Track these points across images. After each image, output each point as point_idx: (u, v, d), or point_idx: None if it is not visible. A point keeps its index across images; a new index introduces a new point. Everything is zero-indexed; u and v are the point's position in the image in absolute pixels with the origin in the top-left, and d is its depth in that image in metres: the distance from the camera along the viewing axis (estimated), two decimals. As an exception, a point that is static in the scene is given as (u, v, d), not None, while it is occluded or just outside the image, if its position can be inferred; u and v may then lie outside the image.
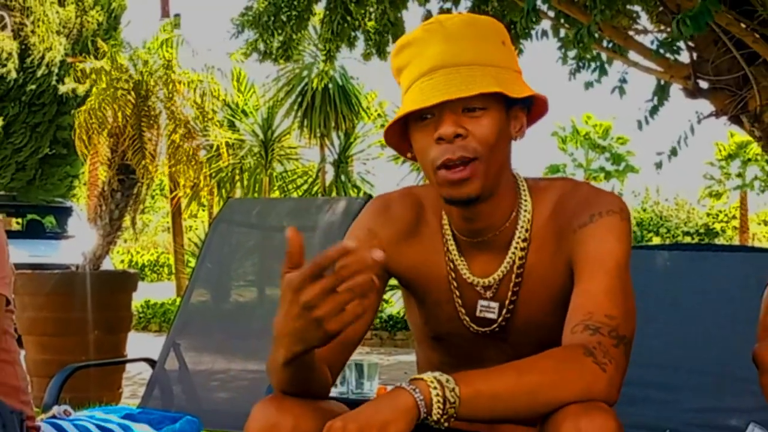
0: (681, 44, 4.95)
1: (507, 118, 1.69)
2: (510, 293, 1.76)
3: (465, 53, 1.65)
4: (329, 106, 15.10)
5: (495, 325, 1.79)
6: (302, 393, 1.60)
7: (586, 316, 1.58)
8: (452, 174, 1.64)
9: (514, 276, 1.75)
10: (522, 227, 1.75)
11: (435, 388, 1.45)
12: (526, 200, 1.77)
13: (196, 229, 21.34)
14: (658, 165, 5.24)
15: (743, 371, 1.46)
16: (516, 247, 1.75)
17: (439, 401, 1.45)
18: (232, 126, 15.73)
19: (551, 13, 5.31)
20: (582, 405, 1.47)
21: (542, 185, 1.80)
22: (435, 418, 1.46)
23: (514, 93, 1.65)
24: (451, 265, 1.80)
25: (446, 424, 1.48)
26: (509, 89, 1.64)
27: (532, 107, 1.75)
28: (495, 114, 1.65)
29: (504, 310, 1.78)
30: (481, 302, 1.79)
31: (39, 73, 13.00)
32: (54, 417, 2.91)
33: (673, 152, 5.08)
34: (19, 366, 2.43)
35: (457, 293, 1.80)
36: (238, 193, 16.47)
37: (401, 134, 1.75)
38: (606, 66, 5.49)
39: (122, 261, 28.99)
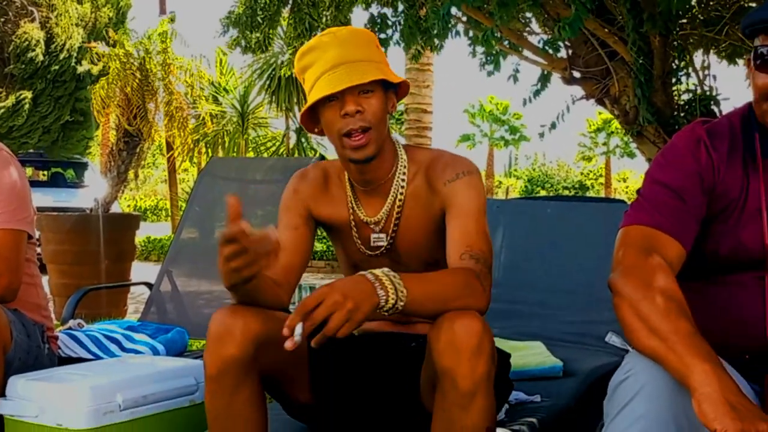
0: (560, 44, 4.98)
1: (386, 99, 1.81)
2: (392, 226, 1.88)
3: (356, 53, 1.77)
4: (292, 86, 14.93)
5: (383, 248, 1.90)
6: (255, 306, 1.67)
7: (468, 247, 1.71)
8: (354, 141, 1.76)
9: (395, 213, 1.87)
10: (399, 178, 1.87)
11: (391, 293, 1.51)
12: (403, 159, 1.89)
13: (188, 181, 21.08)
14: (541, 135, 5.33)
15: (604, 293, 1.48)
16: (395, 192, 1.87)
17: (392, 301, 1.51)
18: (215, 100, 15.54)
19: (464, 18, 5.29)
20: (459, 312, 1.56)
21: (415, 150, 1.93)
22: (384, 309, 1.51)
23: (393, 79, 1.80)
24: (352, 210, 1.91)
25: (386, 314, 1.53)
26: (389, 77, 1.78)
27: (399, 91, 1.86)
28: (379, 95, 1.78)
29: (388, 238, 1.89)
30: (374, 235, 1.91)
31: (61, 56, 12.67)
32: (70, 329, 2.86)
33: (553, 126, 5.15)
34: (40, 288, 2.38)
35: (355, 230, 1.91)
36: (220, 153, 16.27)
37: (308, 116, 1.84)
38: (501, 59, 5.47)
39: (128, 206, 28.45)
